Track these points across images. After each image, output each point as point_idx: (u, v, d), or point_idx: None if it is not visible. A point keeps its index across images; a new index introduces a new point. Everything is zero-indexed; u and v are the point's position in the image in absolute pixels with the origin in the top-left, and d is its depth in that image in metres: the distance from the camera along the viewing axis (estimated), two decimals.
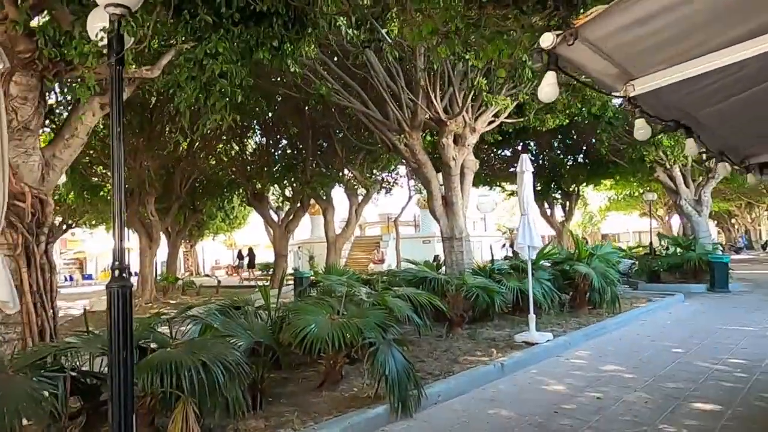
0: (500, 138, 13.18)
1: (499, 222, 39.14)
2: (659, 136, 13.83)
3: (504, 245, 24.22)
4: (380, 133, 10.64)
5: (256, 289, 7.24)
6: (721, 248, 18.63)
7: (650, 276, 16.23)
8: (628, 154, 14.87)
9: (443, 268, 11.03)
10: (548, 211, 22.64)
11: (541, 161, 22.44)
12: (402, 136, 9.99)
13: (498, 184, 23.68)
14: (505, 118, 11.95)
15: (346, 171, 17.51)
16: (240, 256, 30.57)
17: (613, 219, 43.80)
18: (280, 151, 17.89)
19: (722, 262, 14.31)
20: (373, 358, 4.85)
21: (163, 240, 26.08)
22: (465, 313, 8.83)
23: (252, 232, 40.89)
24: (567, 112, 12.42)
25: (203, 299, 16.31)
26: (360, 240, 29.49)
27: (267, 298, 6.28)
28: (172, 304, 16.34)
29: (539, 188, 22.63)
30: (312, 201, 21.49)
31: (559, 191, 22.46)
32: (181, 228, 25.53)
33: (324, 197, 16.78)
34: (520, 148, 22.86)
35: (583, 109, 12.61)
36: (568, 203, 22.49)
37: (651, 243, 21.59)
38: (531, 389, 5.80)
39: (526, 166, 7.65)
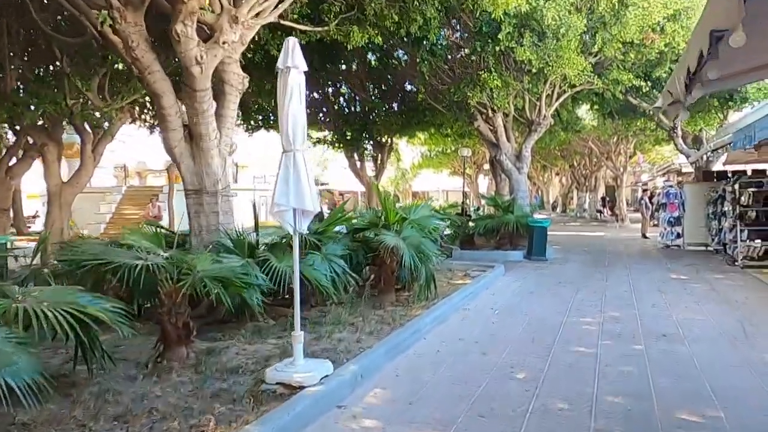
0: None
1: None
2: (484, 75, 11.41)
3: None
4: (77, 11, 6.24)
5: None
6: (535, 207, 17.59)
7: (464, 241, 14.25)
8: (449, 95, 12.35)
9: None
10: (358, 164, 19.83)
11: (353, 107, 19.43)
12: (106, 13, 5.80)
13: None
14: (295, 21, 8.34)
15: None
16: None
17: (424, 176, 43.34)
18: None
19: (542, 226, 12.69)
20: None
21: None
22: (197, 319, 5.27)
23: None
24: (380, 25, 9.20)
25: None
26: (132, 191, 23.79)
27: None
28: None
29: (349, 137, 19.68)
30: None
31: (371, 142, 19.71)
32: None
33: (47, 128, 11.56)
34: (331, 90, 19.64)
35: (402, 26, 9.52)
36: (380, 156, 19.86)
37: (463, 203, 20.08)
38: None
39: (293, 59, 4.10)
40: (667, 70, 12.52)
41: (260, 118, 19.08)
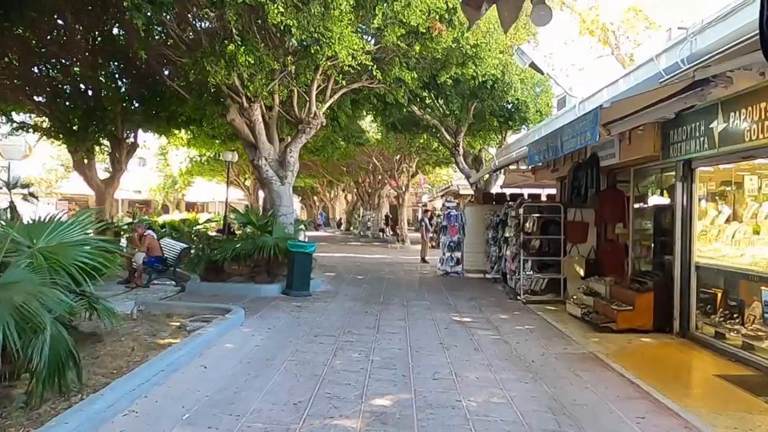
0: None
1: (47, 173, 28.41)
2: (230, 47, 8.31)
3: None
4: None
5: None
6: (304, 226, 14.95)
7: (209, 268, 10.86)
8: (188, 72, 8.96)
9: None
10: (86, 162, 15.05)
11: (83, 88, 14.74)
12: None
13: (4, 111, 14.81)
14: None
15: None
16: None
17: (200, 186, 38.42)
18: None
19: (305, 252, 9.92)
20: None
21: None
22: None
23: None
24: None
25: None
26: None
27: None
28: None
29: (76, 128, 14.85)
30: None
31: (107, 136, 15.15)
32: None
33: None
34: (59, 66, 14.58)
35: None
36: (117, 154, 15.35)
37: (226, 218, 16.68)
38: None
39: None
40: (453, 74, 10.88)
41: None
